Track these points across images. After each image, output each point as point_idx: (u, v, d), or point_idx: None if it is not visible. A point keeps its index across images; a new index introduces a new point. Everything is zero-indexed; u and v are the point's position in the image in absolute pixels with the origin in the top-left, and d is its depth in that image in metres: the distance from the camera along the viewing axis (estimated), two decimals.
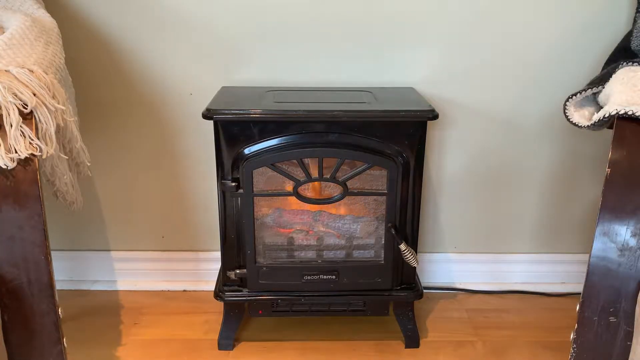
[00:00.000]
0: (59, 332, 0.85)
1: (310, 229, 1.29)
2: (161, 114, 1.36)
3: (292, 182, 1.14)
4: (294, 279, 1.20)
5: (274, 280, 1.20)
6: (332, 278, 1.20)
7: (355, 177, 1.16)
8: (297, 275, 1.20)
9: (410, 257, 1.17)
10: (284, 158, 1.12)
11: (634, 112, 0.83)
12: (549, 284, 1.50)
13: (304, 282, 1.20)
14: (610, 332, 0.83)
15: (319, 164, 1.12)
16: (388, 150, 1.13)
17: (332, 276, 1.20)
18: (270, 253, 1.23)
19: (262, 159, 1.11)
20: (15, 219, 0.80)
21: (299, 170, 1.14)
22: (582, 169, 1.41)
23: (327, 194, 1.24)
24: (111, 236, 1.48)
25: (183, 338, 1.29)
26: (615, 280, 0.82)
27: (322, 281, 1.20)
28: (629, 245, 0.81)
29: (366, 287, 1.21)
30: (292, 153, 1.11)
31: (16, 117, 0.78)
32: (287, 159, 1.12)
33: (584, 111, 1.06)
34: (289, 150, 1.12)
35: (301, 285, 1.20)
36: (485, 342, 1.29)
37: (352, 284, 1.21)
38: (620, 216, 0.81)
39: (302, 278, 1.20)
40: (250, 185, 1.11)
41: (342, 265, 1.20)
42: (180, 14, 1.28)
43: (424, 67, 1.33)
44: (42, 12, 1.08)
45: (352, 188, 1.18)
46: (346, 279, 1.21)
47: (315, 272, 1.20)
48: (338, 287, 1.20)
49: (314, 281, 1.20)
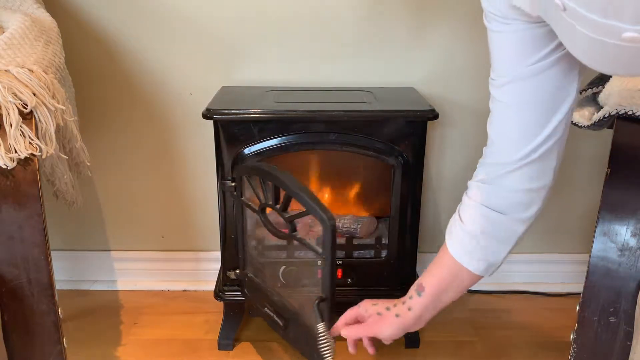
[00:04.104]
0: (59, 332, 0.85)
1: (310, 229, 1.28)
2: (161, 114, 1.36)
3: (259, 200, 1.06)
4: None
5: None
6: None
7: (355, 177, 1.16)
8: None
9: (324, 344, 0.94)
10: (262, 175, 1.02)
11: (634, 112, 0.83)
12: (549, 284, 1.50)
13: None
14: (610, 332, 0.83)
15: (272, 190, 1.01)
16: (388, 150, 1.13)
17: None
18: (270, 253, 1.23)
19: (245, 167, 1.09)
20: (15, 219, 0.80)
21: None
22: (582, 169, 1.41)
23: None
24: (111, 236, 1.47)
25: (183, 338, 1.29)
26: (615, 280, 0.81)
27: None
28: (629, 245, 0.81)
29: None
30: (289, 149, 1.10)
31: (16, 117, 0.78)
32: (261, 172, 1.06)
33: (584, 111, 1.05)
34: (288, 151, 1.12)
35: None
36: (485, 342, 1.29)
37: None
38: (620, 216, 0.81)
39: None
40: (240, 190, 1.11)
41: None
42: (180, 13, 1.28)
43: (424, 67, 1.33)
44: (42, 11, 1.08)
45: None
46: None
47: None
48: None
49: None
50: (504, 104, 0.81)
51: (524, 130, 0.80)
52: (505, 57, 0.80)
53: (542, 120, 0.79)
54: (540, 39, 0.75)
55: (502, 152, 0.83)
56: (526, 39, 0.76)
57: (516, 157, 0.81)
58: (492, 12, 0.77)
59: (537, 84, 0.78)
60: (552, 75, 0.77)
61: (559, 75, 0.77)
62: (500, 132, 0.83)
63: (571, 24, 0.58)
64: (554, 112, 0.79)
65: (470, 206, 0.86)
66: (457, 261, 0.86)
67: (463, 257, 0.86)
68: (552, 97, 0.78)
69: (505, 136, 0.82)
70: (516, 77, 0.78)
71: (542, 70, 0.76)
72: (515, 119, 0.80)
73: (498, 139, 0.84)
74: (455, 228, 0.88)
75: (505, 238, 0.86)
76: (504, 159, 0.82)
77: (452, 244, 0.87)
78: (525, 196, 0.83)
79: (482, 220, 0.85)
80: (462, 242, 0.86)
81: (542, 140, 0.80)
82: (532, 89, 0.78)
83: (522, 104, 0.79)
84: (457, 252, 0.87)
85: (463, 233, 0.86)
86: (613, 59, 0.60)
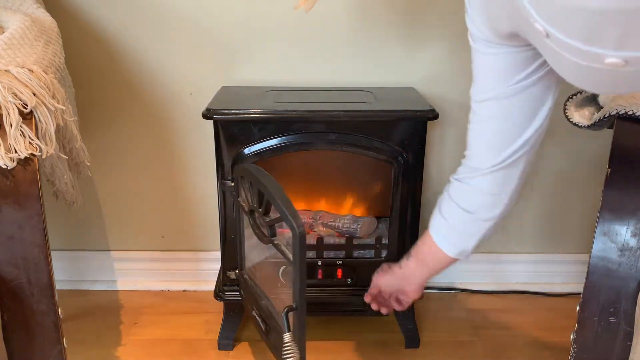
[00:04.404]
0: (59, 332, 0.85)
1: (310, 229, 1.29)
2: (161, 114, 1.36)
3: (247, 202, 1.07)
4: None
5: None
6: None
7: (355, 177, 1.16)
8: None
9: (289, 355, 0.94)
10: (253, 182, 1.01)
11: (634, 112, 0.83)
12: (549, 284, 1.50)
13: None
14: (610, 332, 0.83)
15: (252, 192, 1.02)
16: (388, 150, 1.13)
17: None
18: (270, 253, 1.22)
19: (238, 168, 1.09)
20: (15, 219, 0.80)
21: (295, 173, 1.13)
22: (582, 169, 1.41)
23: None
24: (111, 236, 1.47)
25: (183, 338, 1.29)
26: (615, 280, 0.81)
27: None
28: (629, 245, 0.81)
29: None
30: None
31: (16, 117, 0.78)
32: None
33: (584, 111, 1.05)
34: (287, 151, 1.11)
35: None
36: (485, 342, 1.29)
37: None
38: (620, 216, 0.81)
39: None
40: (237, 191, 1.11)
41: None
42: (180, 14, 1.28)
43: (424, 67, 1.33)
44: (42, 11, 1.08)
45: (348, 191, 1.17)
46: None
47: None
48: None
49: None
50: (482, 117, 0.86)
51: (499, 142, 0.85)
52: (487, 77, 0.83)
53: (516, 132, 0.83)
54: (524, 61, 0.78)
55: (476, 159, 0.89)
56: (509, 61, 0.78)
57: (488, 165, 0.86)
58: (477, 34, 0.79)
59: (516, 101, 0.81)
60: (532, 92, 0.80)
61: (539, 91, 0.80)
62: (476, 142, 0.89)
63: (556, 49, 0.60)
64: (529, 124, 0.83)
65: (446, 199, 0.94)
66: (434, 242, 0.96)
67: (440, 240, 0.95)
68: (529, 111, 0.82)
69: (481, 145, 0.88)
70: (497, 96, 0.81)
71: (523, 89, 0.79)
72: (491, 131, 0.85)
73: (474, 147, 0.89)
74: (436, 213, 0.96)
75: (472, 233, 0.93)
76: (477, 165, 0.88)
77: (432, 225, 0.96)
78: (491, 199, 0.89)
79: (453, 214, 0.92)
80: (439, 227, 0.95)
81: (514, 151, 0.84)
82: (510, 106, 0.81)
83: (500, 118, 0.83)
84: (435, 233, 0.96)
85: (440, 220, 0.95)
86: (598, 81, 0.64)
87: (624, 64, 0.56)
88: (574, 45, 0.57)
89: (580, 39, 0.56)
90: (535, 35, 0.65)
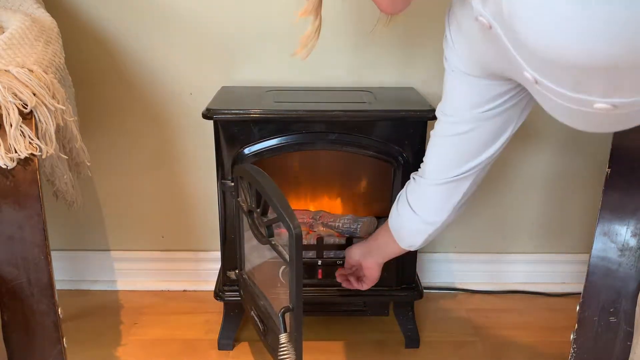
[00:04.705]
0: (59, 332, 0.85)
1: (310, 229, 1.29)
2: (161, 114, 1.36)
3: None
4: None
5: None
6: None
7: (355, 177, 1.16)
8: None
9: (285, 356, 0.94)
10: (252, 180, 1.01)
11: None
12: (549, 284, 1.50)
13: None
14: (610, 332, 0.83)
15: (249, 192, 1.03)
16: (388, 150, 1.13)
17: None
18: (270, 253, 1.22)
19: (237, 168, 1.10)
20: (15, 219, 0.80)
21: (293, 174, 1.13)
22: (582, 169, 1.41)
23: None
24: (111, 236, 1.47)
25: (183, 338, 1.29)
26: (615, 280, 0.81)
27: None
28: (629, 245, 0.81)
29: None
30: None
31: (16, 117, 0.78)
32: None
33: None
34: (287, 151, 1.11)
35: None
36: (485, 342, 1.29)
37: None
38: (620, 216, 0.81)
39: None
40: (236, 190, 1.11)
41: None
42: (180, 13, 1.28)
43: (424, 67, 1.33)
44: (42, 11, 1.08)
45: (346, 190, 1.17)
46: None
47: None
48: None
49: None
50: (445, 132, 0.88)
51: (454, 161, 0.88)
52: (457, 101, 0.85)
53: (472, 155, 0.86)
54: (498, 94, 0.81)
55: (428, 169, 0.93)
56: (484, 92, 0.81)
57: (438, 177, 0.90)
58: (457, 65, 0.81)
59: (481, 127, 0.83)
60: (497, 121, 0.82)
61: (503, 121, 0.82)
62: (432, 155, 0.92)
63: (546, 94, 0.61)
64: (485, 150, 0.86)
65: (402, 195, 1.00)
66: (390, 232, 1.02)
67: (394, 230, 1.02)
68: (491, 137, 0.84)
69: (436, 160, 0.91)
70: (464, 120, 0.83)
71: (492, 116, 0.81)
72: (449, 149, 0.88)
73: (429, 158, 0.93)
74: (394, 206, 1.02)
75: (417, 231, 0.98)
76: (428, 175, 0.92)
77: (390, 217, 1.03)
78: (435, 206, 0.94)
79: (404, 211, 0.98)
80: (395, 219, 1.01)
81: (464, 171, 0.88)
82: (473, 130, 0.83)
83: (462, 140, 0.85)
84: (391, 223, 1.03)
85: (395, 213, 1.01)
86: (589, 122, 0.66)
87: (613, 109, 0.57)
88: (563, 92, 0.59)
89: (569, 88, 0.58)
90: (525, 81, 0.66)
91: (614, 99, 0.56)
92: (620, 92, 0.56)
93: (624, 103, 0.56)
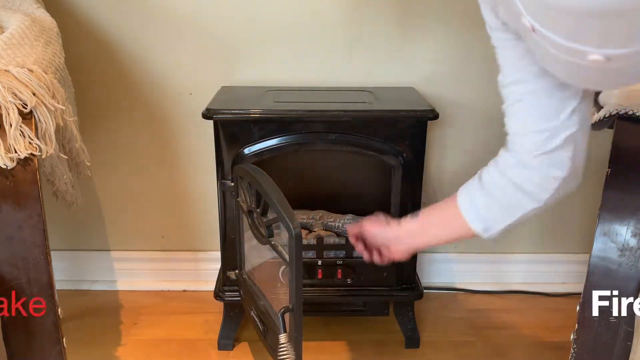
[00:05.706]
0: (58, 332, 0.85)
1: (310, 229, 1.28)
2: (161, 114, 1.36)
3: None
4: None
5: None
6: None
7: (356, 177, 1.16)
8: None
9: (284, 356, 0.93)
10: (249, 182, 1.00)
11: (634, 112, 0.83)
12: (549, 284, 1.50)
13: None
14: (610, 332, 0.83)
15: (249, 192, 1.03)
16: (388, 150, 1.13)
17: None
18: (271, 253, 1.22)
19: (237, 168, 1.09)
20: (15, 219, 0.80)
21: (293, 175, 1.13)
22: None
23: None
24: (111, 236, 1.47)
25: (183, 338, 1.29)
26: (615, 280, 0.81)
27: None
28: (629, 245, 0.81)
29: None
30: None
31: (16, 117, 0.78)
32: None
33: None
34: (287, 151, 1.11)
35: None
36: (485, 342, 1.29)
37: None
38: (620, 216, 0.81)
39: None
40: (236, 190, 1.11)
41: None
42: (180, 13, 1.28)
43: (424, 67, 1.33)
44: (42, 11, 1.08)
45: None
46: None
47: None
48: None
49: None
50: (512, 101, 0.82)
51: (537, 120, 0.80)
52: (507, 61, 0.82)
53: (551, 112, 0.79)
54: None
55: (519, 145, 0.83)
56: (520, 49, 0.78)
57: (532, 149, 0.81)
58: (489, 24, 0.80)
59: (540, 82, 0.78)
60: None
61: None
62: (515, 128, 0.83)
63: (542, 44, 0.62)
64: (563, 106, 0.79)
65: (491, 169, 0.86)
66: (459, 208, 0.86)
67: (467, 210, 0.86)
68: (559, 90, 0.78)
69: (524, 128, 0.82)
70: (520, 79, 0.80)
71: (544, 72, 0.77)
72: (526, 111, 0.81)
73: (514, 134, 0.83)
74: (472, 184, 0.87)
75: (511, 209, 0.84)
76: (521, 150, 0.83)
77: (461, 193, 0.87)
78: (541, 181, 0.83)
79: (497, 185, 0.84)
80: (472, 197, 0.86)
81: (555, 131, 0.81)
82: (536, 87, 0.79)
83: (530, 99, 0.80)
84: (463, 202, 0.86)
85: (477, 190, 0.86)
86: (583, 77, 0.65)
87: (606, 61, 0.57)
88: (558, 41, 0.58)
89: (564, 36, 0.58)
90: (524, 30, 0.66)
91: (608, 50, 0.56)
92: (615, 42, 0.56)
93: (617, 55, 0.57)
